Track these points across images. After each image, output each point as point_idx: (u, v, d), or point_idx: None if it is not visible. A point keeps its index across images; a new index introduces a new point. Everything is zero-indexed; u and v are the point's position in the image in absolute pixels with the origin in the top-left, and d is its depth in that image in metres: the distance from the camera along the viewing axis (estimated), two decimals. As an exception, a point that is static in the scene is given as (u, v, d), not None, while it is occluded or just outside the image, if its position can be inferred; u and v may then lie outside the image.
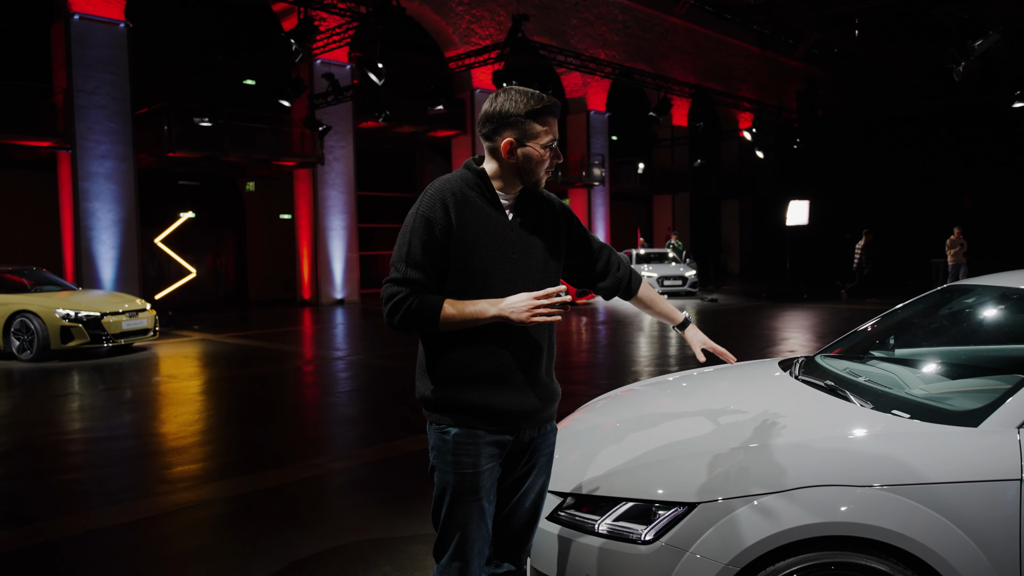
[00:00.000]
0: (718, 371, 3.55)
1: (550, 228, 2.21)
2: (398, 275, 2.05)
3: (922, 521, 2.02)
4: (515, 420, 2.10)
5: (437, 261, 2.04)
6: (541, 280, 2.14)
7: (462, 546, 2.08)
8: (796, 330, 12.75)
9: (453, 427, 2.07)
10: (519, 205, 2.16)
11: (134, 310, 11.23)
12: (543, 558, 2.36)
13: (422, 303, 2.02)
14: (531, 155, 2.08)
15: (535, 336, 2.13)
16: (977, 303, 3.22)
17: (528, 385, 2.11)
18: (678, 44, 29.10)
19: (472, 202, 2.08)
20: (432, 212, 2.04)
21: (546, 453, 2.23)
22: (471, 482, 2.06)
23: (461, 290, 2.06)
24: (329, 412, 7.33)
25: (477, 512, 2.08)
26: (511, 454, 2.15)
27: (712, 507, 2.12)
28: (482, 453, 2.07)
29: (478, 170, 2.13)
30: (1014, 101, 16.77)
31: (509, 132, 2.07)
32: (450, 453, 2.07)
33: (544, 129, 2.07)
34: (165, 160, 17.96)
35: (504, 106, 2.05)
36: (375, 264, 25.25)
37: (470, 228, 2.05)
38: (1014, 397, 2.19)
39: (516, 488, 2.19)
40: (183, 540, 4.01)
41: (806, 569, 2.04)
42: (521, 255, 2.12)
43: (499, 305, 2.00)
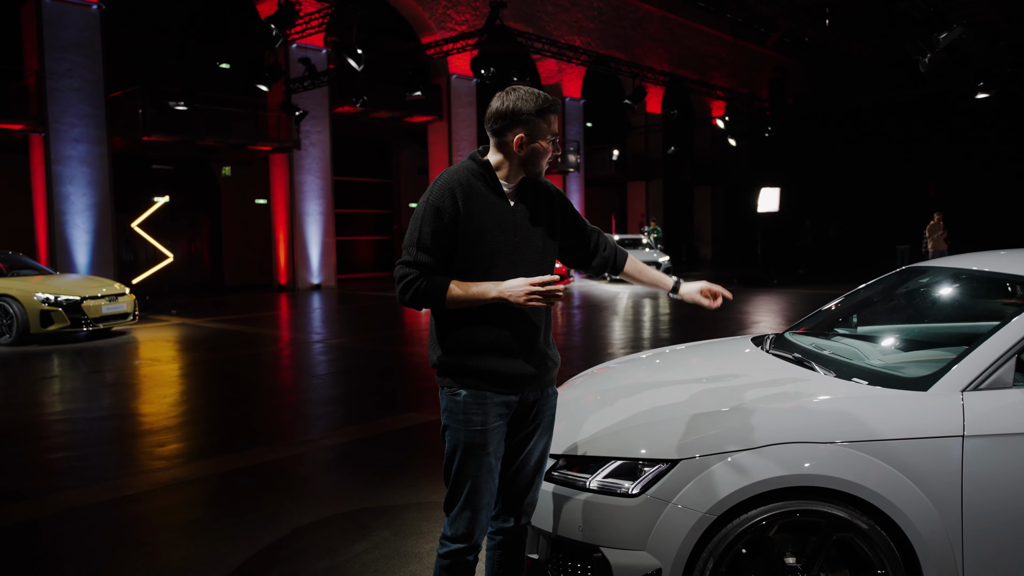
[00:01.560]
0: (689, 348, 3.81)
1: (548, 213, 2.43)
2: (409, 258, 2.26)
3: (877, 473, 2.28)
4: (518, 383, 2.32)
5: (445, 245, 2.26)
6: (540, 261, 2.37)
7: (472, 496, 2.29)
8: (766, 313, 13.13)
9: (463, 390, 2.29)
10: (520, 193, 2.38)
11: (114, 294, 11.25)
12: (539, 515, 2.59)
13: (430, 284, 2.24)
14: (538, 149, 2.31)
15: (532, 314, 2.35)
16: (931, 283, 3.50)
17: (529, 353, 2.33)
18: (652, 31, 29.34)
19: (478, 191, 2.30)
20: (441, 201, 2.25)
21: (548, 415, 2.45)
22: (480, 438, 2.28)
23: (468, 270, 2.27)
24: (314, 392, 7.49)
25: (486, 467, 2.30)
26: (516, 415, 2.36)
27: (692, 463, 2.36)
28: (490, 413, 2.29)
29: (483, 161, 2.34)
30: (977, 92, 17.26)
31: (520, 128, 2.28)
32: (461, 413, 2.29)
33: (548, 126, 2.31)
34: (139, 144, 17.83)
35: (516, 104, 2.27)
36: (352, 249, 25.29)
37: (476, 215, 2.27)
38: (958, 365, 2.46)
39: (522, 447, 2.41)
40: (182, 512, 4.18)
41: (775, 516, 2.29)
42: (522, 238, 2.34)
43: (499, 287, 2.22)
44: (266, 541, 3.62)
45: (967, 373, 2.43)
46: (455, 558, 2.32)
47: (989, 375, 2.40)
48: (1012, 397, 2.38)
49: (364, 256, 26.04)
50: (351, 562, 3.36)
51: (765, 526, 2.30)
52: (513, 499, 2.45)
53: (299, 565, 3.34)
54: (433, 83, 22.54)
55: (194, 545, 3.65)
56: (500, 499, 2.44)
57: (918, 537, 2.27)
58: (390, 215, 26.57)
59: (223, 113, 18.52)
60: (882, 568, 2.29)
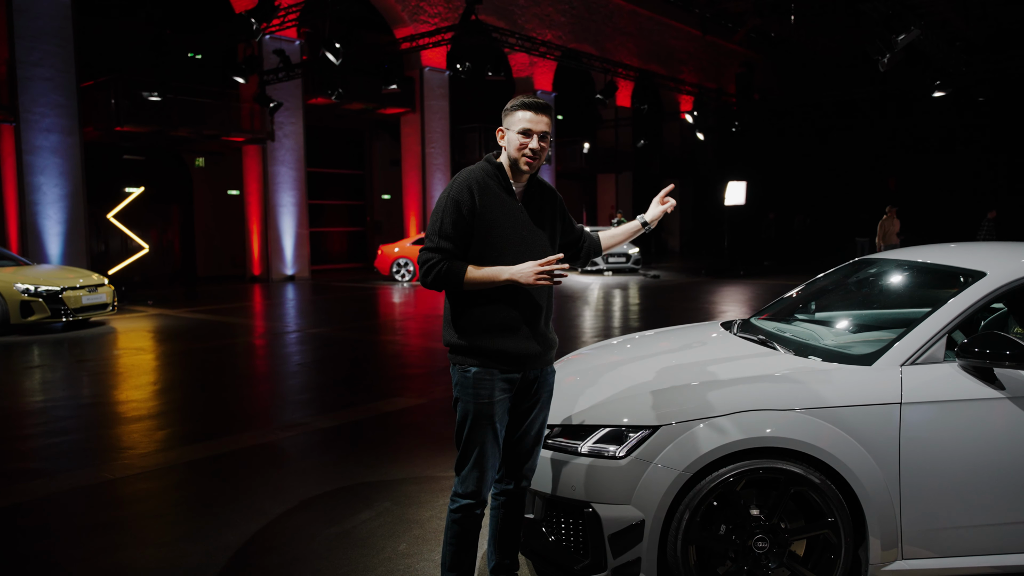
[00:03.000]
0: (664, 332, 4.17)
1: (550, 212, 2.80)
2: (432, 244, 2.59)
3: (828, 435, 2.66)
4: (521, 362, 2.64)
5: (463, 234, 2.58)
6: (544, 252, 2.69)
7: (480, 459, 2.62)
8: (733, 303, 13.62)
9: (473, 367, 2.61)
10: (528, 193, 2.75)
11: (93, 285, 11.34)
12: (537, 479, 2.92)
13: (450, 267, 2.56)
14: (510, 140, 2.65)
15: (536, 297, 2.67)
16: (880, 273, 3.91)
17: (532, 334, 2.66)
18: (622, 26, 29.74)
19: (491, 189, 2.64)
20: (460, 196, 2.59)
21: (547, 390, 2.78)
22: (487, 409, 2.61)
23: (482, 257, 2.60)
24: (298, 379, 7.74)
25: (492, 433, 2.62)
26: (519, 390, 2.68)
27: (670, 429, 2.72)
28: (496, 387, 2.61)
29: (496, 163, 2.70)
30: (934, 91, 17.92)
31: (503, 124, 2.71)
32: (471, 387, 2.61)
33: (517, 119, 2.64)
34: (112, 134, 17.76)
35: (504, 108, 2.71)
36: (325, 240, 25.38)
37: (489, 210, 2.61)
38: (897, 344, 2.85)
39: (524, 418, 2.73)
40: (189, 488, 4.45)
41: (741, 473, 2.66)
42: (529, 232, 2.68)
43: (511, 270, 2.54)
44: (276, 512, 3.91)
45: (905, 350, 2.82)
46: (465, 511, 2.65)
47: (923, 352, 2.80)
48: (942, 370, 2.78)
49: (337, 247, 26.15)
50: (358, 528, 3.67)
51: (733, 482, 2.66)
52: (516, 464, 2.77)
53: (312, 531, 3.65)
54: (406, 75, 22.69)
55: (206, 517, 3.92)
56: (504, 464, 2.77)
57: (863, 489, 2.65)
58: (363, 206, 26.70)
59: (196, 104, 18.51)
60: (832, 516, 2.67)
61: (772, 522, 2.68)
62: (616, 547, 2.70)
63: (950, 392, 2.72)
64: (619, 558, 2.70)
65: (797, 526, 2.71)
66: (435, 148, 23.34)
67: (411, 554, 3.38)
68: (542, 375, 2.74)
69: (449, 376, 7.43)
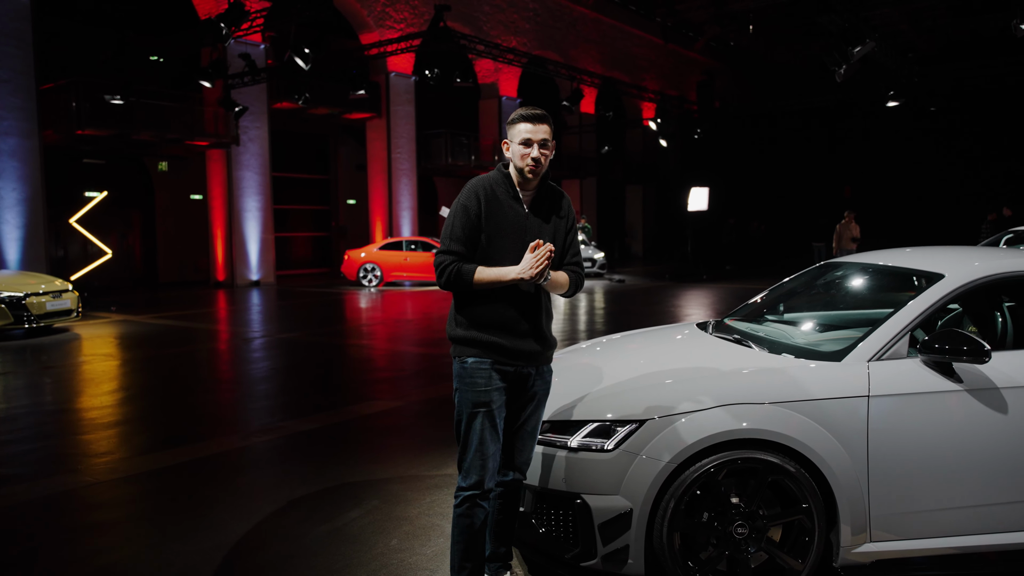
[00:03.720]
0: (643, 333, 4.34)
1: (556, 221, 2.90)
2: (445, 248, 2.77)
3: (802, 427, 2.84)
4: (516, 355, 2.78)
5: (472, 238, 2.76)
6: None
7: (480, 449, 2.75)
8: (697, 306, 13.92)
9: (470, 358, 2.77)
10: (536, 201, 2.87)
11: (56, 291, 11.18)
12: (528, 472, 3.05)
13: (461, 268, 2.73)
14: (513, 151, 2.80)
15: (533, 299, 2.82)
16: (845, 276, 4.13)
17: (528, 333, 2.80)
18: (586, 33, 30.11)
19: (498, 196, 2.80)
20: (469, 202, 2.77)
21: (543, 388, 2.90)
22: (484, 397, 2.75)
23: (486, 262, 2.76)
24: (272, 385, 7.73)
25: (490, 422, 2.75)
26: (516, 385, 2.82)
27: (655, 423, 2.87)
28: (492, 377, 2.76)
29: (505, 172, 2.85)
30: (888, 100, 18.52)
31: (507, 136, 2.84)
32: (468, 377, 2.76)
33: (517, 131, 2.78)
34: (72, 138, 17.45)
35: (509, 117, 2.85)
36: (290, 245, 25.21)
37: (495, 216, 2.78)
38: (864, 341, 3.05)
39: (520, 413, 2.86)
40: (176, 491, 4.48)
41: (722, 464, 2.82)
42: (533, 239, 2.78)
43: (517, 269, 2.68)
44: (265, 511, 3.98)
45: (872, 347, 3.02)
46: (470, 503, 2.75)
47: (888, 348, 3.00)
48: (906, 365, 2.98)
49: (302, 252, 25.99)
50: (349, 526, 3.76)
51: (714, 472, 2.83)
52: (511, 457, 2.90)
53: (304, 529, 3.73)
54: (372, 80, 22.68)
55: (193, 518, 3.97)
56: (504, 457, 2.89)
57: (834, 477, 2.84)
58: (328, 211, 26.58)
59: (160, 107, 18.28)
60: (806, 503, 2.85)
61: (751, 509, 2.85)
62: (605, 535, 2.84)
63: (913, 385, 2.92)
64: (608, 546, 2.84)
65: (774, 512, 2.88)
66: (401, 153, 23.37)
67: (403, 549, 3.49)
68: (538, 372, 2.87)
69: (424, 380, 7.58)
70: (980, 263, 3.30)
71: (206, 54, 18.63)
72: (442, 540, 3.57)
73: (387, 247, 19.32)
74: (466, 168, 25.86)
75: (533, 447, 2.95)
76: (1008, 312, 3.67)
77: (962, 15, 26.12)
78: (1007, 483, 2.95)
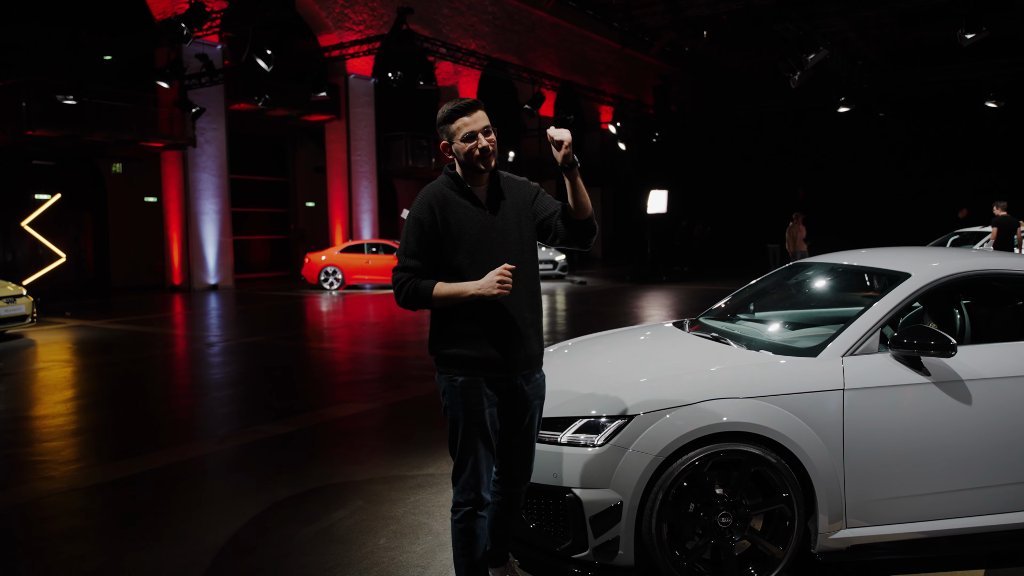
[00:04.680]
0: (622, 332, 4.45)
1: (518, 205, 2.75)
2: (400, 264, 2.66)
3: (781, 419, 2.97)
4: (506, 368, 2.66)
5: (429, 251, 2.64)
6: (519, 251, 2.70)
7: (476, 466, 2.67)
8: (659, 307, 14.16)
9: (460, 376, 2.65)
10: (491, 192, 2.73)
11: (10, 296, 10.89)
12: (516, 467, 3.12)
13: (417, 286, 2.61)
14: (459, 149, 2.65)
15: (517, 305, 2.68)
16: (814, 276, 4.30)
17: (515, 341, 2.67)
18: (544, 37, 30.34)
19: (451, 200, 2.67)
20: (420, 213, 2.65)
21: (538, 394, 2.80)
22: (477, 417, 2.65)
23: (455, 269, 2.63)
24: (242, 388, 7.66)
25: (483, 439, 2.67)
26: (509, 395, 2.71)
27: (642, 418, 2.97)
28: (483, 393, 2.65)
29: (452, 173, 2.72)
30: (839, 106, 19.08)
31: (442, 138, 2.70)
32: (459, 396, 2.65)
33: (457, 127, 2.62)
34: (21, 138, 16.97)
35: (437, 120, 2.69)
36: (248, 248, 24.85)
37: (452, 221, 2.64)
38: (838, 337, 3.21)
39: (519, 423, 2.76)
40: (153, 494, 4.45)
41: (707, 456, 2.94)
42: (499, 233, 2.68)
43: (475, 285, 2.55)
44: (250, 514, 3.98)
45: (845, 343, 3.17)
46: (469, 517, 2.68)
47: (861, 344, 3.15)
48: (877, 360, 3.14)
49: (260, 255, 25.65)
50: (336, 526, 3.79)
51: (700, 465, 2.94)
52: (511, 467, 2.82)
53: (290, 530, 3.74)
54: (331, 82, 22.52)
55: (179, 521, 3.95)
56: (500, 467, 2.81)
57: (812, 467, 2.98)
58: (286, 214, 26.29)
59: (113, 108, 17.89)
60: (786, 492, 2.98)
61: (735, 499, 2.97)
62: (596, 528, 2.93)
63: (885, 378, 3.08)
64: (599, 537, 2.93)
65: (756, 502, 3.01)
66: (360, 156, 23.24)
67: (392, 547, 3.53)
68: (532, 380, 2.78)
69: (393, 382, 7.60)
70: (941, 263, 3.48)
71: (162, 54, 18.29)
72: (430, 538, 3.62)
73: (348, 250, 19.21)
74: (426, 170, 25.82)
75: (532, 456, 2.86)
76: (965, 309, 3.87)
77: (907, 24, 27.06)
78: (972, 470, 3.13)
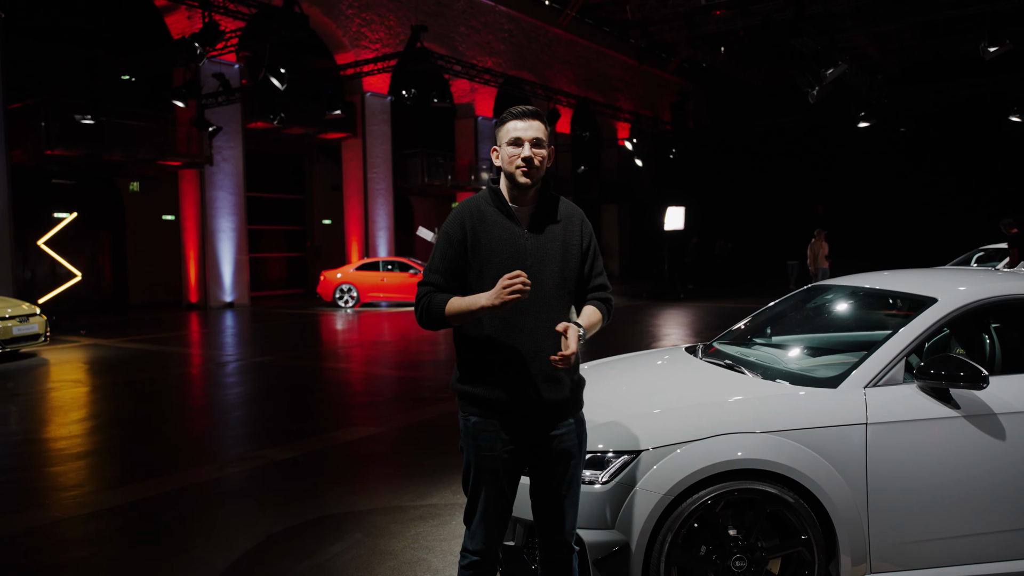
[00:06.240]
0: (630, 358, 4.28)
1: (566, 237, 2.46)
2: (424, 279, 2.43)
3: (800, 456, 2.78)
4: (528, 412, 2.37)
5: (453, 268, 2.40)
6: (558, 284, 2.40)
7: (486, 515, 2.41)
8: (676, 326, 13.93)
9: (473, 416, 2.41)
10: (536, 215, 2.45)
11: (24, 315, 10.89)
12: (518, 505, 2.92)
13: (432, 300, 2.36)
14: (503, 155, 2.42)
15: (543, 346, 2.36)
16: (834, 299, 4.11)
17: (536, 384, 2.36)
18: (561, 54, 30.34)
19: (488, 216, 2.42)
20: (451, 228, 2.43)
21: (574, 442, 2.45)
22: (489, 463, 2.39)
23: (481, 291, 2.33)
24: (249, 410, 7.56)
25: (496, 488, 2.40)
26: (536, 444, 2.41)
27: (650, 454, 2.79)
28: (497, 439, 2.38)
29: (494, 188, 2.48)
30: (859, 121, 18.82)
31: (496, 142, 2.48)
32: (471, 437, 2.41)
33: (506, 131, 2.41)
34: (40, 158, 17.14)
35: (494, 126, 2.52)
36: (264, 266, 24.91)
37: (484, 240, 2.39)
38: (860, 367, 3.01)
39: (550, 474, 2.44)
40: (152, 525, 4.31)
41: (719, 495, 2.75)
42: (536, 261, 2.39)
43: (487, 297, 2.24)
44: (245, 546, 3.83)
45: (867, 373, 2.97)
46: (476, 569, 2.45)
47: (885, 374, 2.96)
48: (903, 391, 2.94)
49: (277, 273, 25.71)
50: (331, 562, 3.63)
51: (711, 504, 2.75)
52: (548, 527, 2.48)
53: (285, 565, 3.59)
54: (347, 100, 22.61)
55: (172, 553, 3.81)
56: (538, 527, 2.51)
57: (833, 507, 2.78)
58: (303, 232, 26.35)
59: (130, 127, 18.05)
60: (805, 534, 2.78)
61: (750, 541, 2.78)
62: (602, 571, 2.75)
63: (911, 412, 2.88)
64: (604, 582, 2.75)
65: (773, 545, 2.81)
66: (377, 173, 23.27)
67: (389, 586, 3.37)
68: (561, 428, 2.44)
69: (404, 404, 7.45)
70: (970, 287, 3.29)
71: (179, 74, 18.45)
72: (429, 575, 3.45)
73: (363, 267, 19.16)
74: (442, 188, 25.81)
75: (572, 514, 2.50)
76: (996, 335, 3.66)
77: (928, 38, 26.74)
78: (1005, 511, 2.91)
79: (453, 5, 25.06)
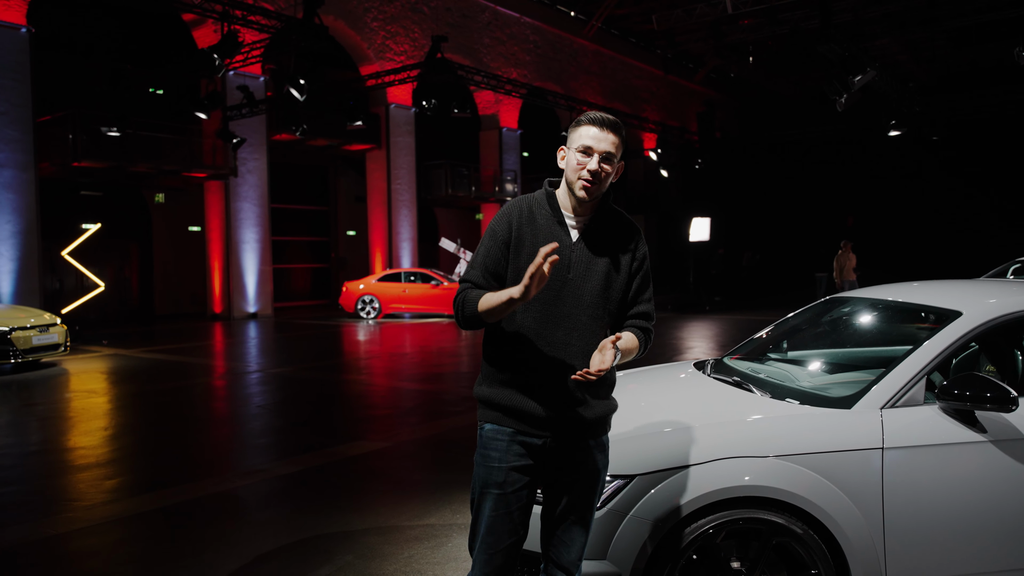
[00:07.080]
0: (635, 373, 4.06)
1: (616, 254, 2.30)
2: (464, 275, 2.30)
3: (809, 483, 2.56)
4: (544, 424, 2.22)
5: (493, 266, 2.25)
6: (597, 303, 2.25)
7: (488, 538, 2.22)
8: (700, 339, 13.63)
9: (487, 423, 2.27)
10: (591, 229, 2.29)
11: (44, 325, 10.95)
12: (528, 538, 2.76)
13: (467, 296, 2.21)
14: (569, 159, 2.25)
15: (564, 349, 2.22)
16: (852, 312, 3.86)
17: (556, 397, 2.21)
18: (586, 65, 30.20)
19: (536, 219, 2.28)
20: (498, 225, 2.29)
21: (593, 466, 2.29)
22: (496, 476, 2.21)
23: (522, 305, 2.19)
24: (258, 422, 7.46)
25: (502, 506, 2.20)
26: (551, 462, 2.25)
27: (646, 479, 2.59)
28: (509, 451, 2.21)
29: (549, 191, 2.34)
30: (889, 130, 18.38)
31: (566, 142, 2.31)
32: (482, 447, 2.27)
33: (579, 135, 2.23)
34: (68, 170, 17.38)
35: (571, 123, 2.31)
36: (288, 277, 25.02)
37: (527, 242, 2.23)
38: (877, 386, 2.78)
39: (561, 495, 2.29)
40: (139, 543, 4.19)
41: (721, 525, 2.54)
42: (578, 275, 2.24)
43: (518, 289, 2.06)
44: (230, 568, 3.69)
45: (884, 393, 2.74)
46: None
47: (903, 394, 2.72)
48: (923, 413, 2.70)
49: (301, 284, 25.80)
50: (318, 585, 3.47)
51: (713, 534, 2.54)
52: (551, 550, 2.33)
53: (267, 589, 3.43)
54: (372, 112, 22.66)
55: (159, 573, 3.68)
56: (545, 552, 2.36)
57: (846, 539, 2.55)
58: (327, 242, 26.44)
59: (156, 139, 18.23)
60: (815, 568, 2.56)
61: (754, 575, 2.56)
62: (592, 606, 2.55)
63: (932, 436, 2.65)
64: (595, 617, 2.55)
65: (779, 579, 2.59)
66: (401, 184, 23.26)
67: (374, 613, 3.19)
68: (580, 448, 2.27)
69: (418, 417, 7.30)
70: (999, 300, 3.04)
71: (204, 86, 18.62)
72: (418, 602, 3.28)
73: (386, 279, 19.11)
74: (466, 199, 25.74)
75: (582, 542, 2.32)
76: (1029, 351, 3.40)
77: (961, 46, 26.16)
78: (1038, 544, 2.66)
79: (478, 17, 25.06)
